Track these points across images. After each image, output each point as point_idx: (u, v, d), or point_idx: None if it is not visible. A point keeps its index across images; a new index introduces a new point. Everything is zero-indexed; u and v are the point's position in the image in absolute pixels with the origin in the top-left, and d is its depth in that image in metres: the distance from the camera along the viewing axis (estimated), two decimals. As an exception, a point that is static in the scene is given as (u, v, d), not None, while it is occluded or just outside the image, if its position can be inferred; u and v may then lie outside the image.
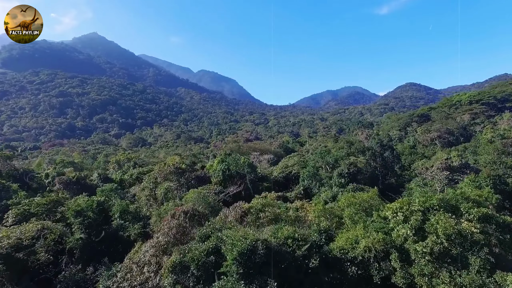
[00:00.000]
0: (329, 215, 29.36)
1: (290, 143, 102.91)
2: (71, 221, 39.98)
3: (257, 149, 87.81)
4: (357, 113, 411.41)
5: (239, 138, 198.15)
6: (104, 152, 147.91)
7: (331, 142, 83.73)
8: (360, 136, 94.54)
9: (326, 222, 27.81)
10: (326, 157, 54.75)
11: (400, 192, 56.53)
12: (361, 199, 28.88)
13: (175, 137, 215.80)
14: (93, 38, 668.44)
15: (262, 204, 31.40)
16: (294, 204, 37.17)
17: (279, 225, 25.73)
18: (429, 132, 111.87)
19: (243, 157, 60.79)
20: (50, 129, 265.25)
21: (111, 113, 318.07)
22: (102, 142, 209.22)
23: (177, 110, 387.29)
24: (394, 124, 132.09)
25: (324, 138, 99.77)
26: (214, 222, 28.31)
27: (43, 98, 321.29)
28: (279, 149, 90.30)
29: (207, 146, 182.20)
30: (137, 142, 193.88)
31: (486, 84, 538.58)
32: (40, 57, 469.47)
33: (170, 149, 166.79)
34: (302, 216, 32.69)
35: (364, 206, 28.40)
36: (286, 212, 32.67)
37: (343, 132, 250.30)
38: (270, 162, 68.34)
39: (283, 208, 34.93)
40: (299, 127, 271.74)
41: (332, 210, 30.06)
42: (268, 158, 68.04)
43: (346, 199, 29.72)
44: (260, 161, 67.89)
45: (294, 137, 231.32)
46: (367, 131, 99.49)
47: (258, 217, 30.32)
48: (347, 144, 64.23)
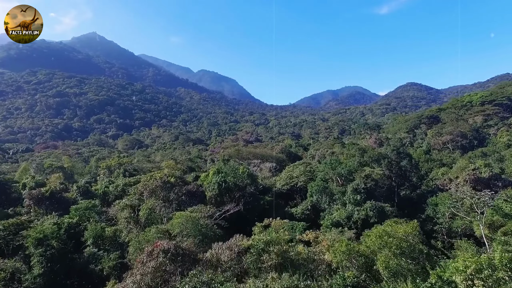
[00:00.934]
0: (355, 257, 21.91)
1: (293, 147, 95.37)
2: (30, 251, 32.49)
3: (258, 155, 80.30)
4: (358, 113, 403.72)
5: (238, 140, 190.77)
6: (97, 155, 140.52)
7: (338, 147, 76.13)
8: (369, 140, 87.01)
9: (353, 269, 20.51)
10: (337, 168, 47.26)
11: (422, 208, 49.04)
12: (398, 238, 21.40)
13: (173, 139, 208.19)
14: (92, 38, 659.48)
15: (264, 242, 23.90)
16: (305, 235, 29.56)
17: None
18: (441, 135, 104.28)
19: (242, 166, 53.43)
20: (46, 130, 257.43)
21: (109, 114, 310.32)
22: (98, 144, 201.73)
23: (176, 111, 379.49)
24: (401, 126, 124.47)
25: (329, 141, 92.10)
26: (201, 271, 20.90)
27: (39, 98, 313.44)
28: (281, 154, 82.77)
29: (206, 148, 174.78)
30: (133, 144, 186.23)
31: (488, 83, 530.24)
32: (38, 57, 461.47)
33: (168, 152, 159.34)
34: (317, 253, 25.31)
35: (402, 247, 21.02)
36: (294, 248, 25.25)
37: (345, 133, 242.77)
38: (272, 171, 60.82)
39: (292, 235, 27.46)
40: (300, 128, 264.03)
41: (359, 250, 22.54)
42: (270, 166, 60.54)
43: (377, 237, 22.18)
44: (261, 169, 60.40)
45: (295, 138, 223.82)
46: (375, 135, 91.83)
47: (260, 259, 22.97)
48: (359, 151, 56.64)
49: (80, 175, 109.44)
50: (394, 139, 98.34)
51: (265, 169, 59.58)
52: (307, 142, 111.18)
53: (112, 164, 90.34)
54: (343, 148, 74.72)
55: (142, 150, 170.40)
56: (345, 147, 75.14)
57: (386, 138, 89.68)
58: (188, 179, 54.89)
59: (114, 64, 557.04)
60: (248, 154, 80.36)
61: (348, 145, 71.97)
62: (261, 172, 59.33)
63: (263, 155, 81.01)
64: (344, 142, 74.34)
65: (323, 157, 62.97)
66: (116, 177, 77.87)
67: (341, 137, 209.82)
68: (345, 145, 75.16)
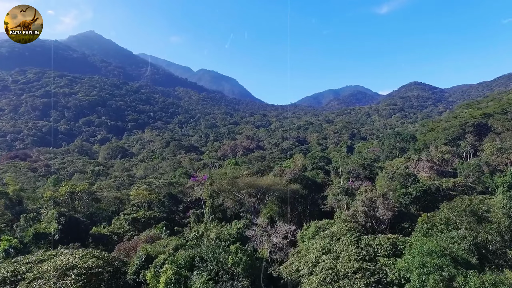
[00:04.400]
0: None
1: (309, 169, 67.96)
2: None
3: (261, 188, 53.05)
4: (364, 114, 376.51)
5: (237, 147, 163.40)
6: (63, 171, 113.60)
7: (384, 180, 48.66)
8: (417, 164, 59.41)
9: None
10: (446, 268, 20.31)
11: None
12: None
13: (164, 145, 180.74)
14: (89, 37, 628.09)
15: None
16: None
17: None
18: (505, 152, 76.77)
19: (235, 247, 26.39)
20: (28, 133, 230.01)
21: (100, 115, 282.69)
22: (79, 151, 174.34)
23: (173, 111, 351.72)
24: (439, 135, 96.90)
25: (368, 187, 64.47)
26: None
27: (26, 98, 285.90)
28: (295, 184, 55.46)
29: (200, 158, 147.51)
30: (116, 152, 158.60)
31: (495, 83, 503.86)
32: (31, 55, 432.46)
33: (153, 163, 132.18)
34: None
35: None
36: None
37: (355, 138, 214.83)
38: (289, 237, 33.55)
39: None
40: (304, 131, 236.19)
41: None
42: (286, 231, 33.21)
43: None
44: (269, 234, 33.15)
45: (301, 143, 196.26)
46: (425, 155, 63.73)
47: None
48: (459, 212, 29.31)
49: (33, 200, 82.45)
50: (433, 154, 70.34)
51: (278, 234, 32.32)
52: (333, 160, 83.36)
53: (58, 196, 63.31)
54: (393, 184, 47.22)
55: (124, 160, 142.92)
56: (393, 180, 47.67)
57: (442, 159, 61.63)
58: (130, 269, 27.74)
59: (111, 63, 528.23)
60: (247, 187, 53.09)
61: (410, 186, 44.27)
62: (269, 240, 32.03)
63: (269, 187, 53.77)
64: (392, 177, 46.73)
65: (371, 204, 35.95)
66: (50, 219, 50.64)
67: (351, 142, 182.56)
68: (393, 178, 47.53)
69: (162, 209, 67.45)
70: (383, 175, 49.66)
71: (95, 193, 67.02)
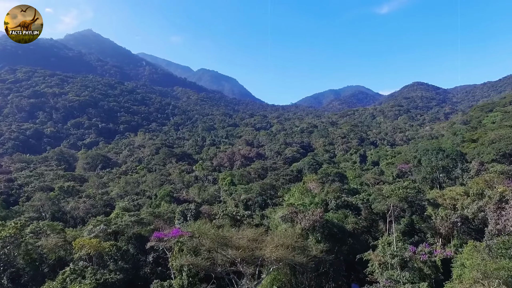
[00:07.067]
0: None
1: (333, 205, 46.08)
2: None
3: (262, 256, 31.73)
4: (368, 115, 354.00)
5: (235, 155, 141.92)
6: (28, 187, 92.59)
7: (475, 256, 27.51)
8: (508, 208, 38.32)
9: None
10: None
11: None
12: None
13: (154, 152, 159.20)
14: (87, 35, 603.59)
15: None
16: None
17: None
18: None
19: None
20: (9, 137, 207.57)
21: (90, 117, 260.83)
22: (58, 159, 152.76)
23: (170, 112, 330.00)
24: (486, 150, 75.66)
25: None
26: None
27: (12, 99, 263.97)
28: (313, 237, 34.11)
29: (192, 169, 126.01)
30: (96, 161, 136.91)
31: (500, 83, 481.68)
32: (24, 53, 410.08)
33: (135, 177, 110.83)
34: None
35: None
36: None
37: (364, 143, 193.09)
38: None
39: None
40: (309, 135, 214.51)
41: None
42: None
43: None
44: None
45: (305, 150, 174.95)
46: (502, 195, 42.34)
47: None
48: None
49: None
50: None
51: None
52: (351, 181, 61.65)
53: None
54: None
55: (104, 172, 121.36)
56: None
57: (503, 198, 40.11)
58: None
59: (108, 62, 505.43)
60: (240, 248, 31.75)
61: None
62: None
63: (274, 249, 32.35)
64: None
65: None
66: None
67: (364, 150, 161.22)
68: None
69: (122, 264, 46.12)
70: (471, 248, 27.99)
71: (24, 241, 45.44)
